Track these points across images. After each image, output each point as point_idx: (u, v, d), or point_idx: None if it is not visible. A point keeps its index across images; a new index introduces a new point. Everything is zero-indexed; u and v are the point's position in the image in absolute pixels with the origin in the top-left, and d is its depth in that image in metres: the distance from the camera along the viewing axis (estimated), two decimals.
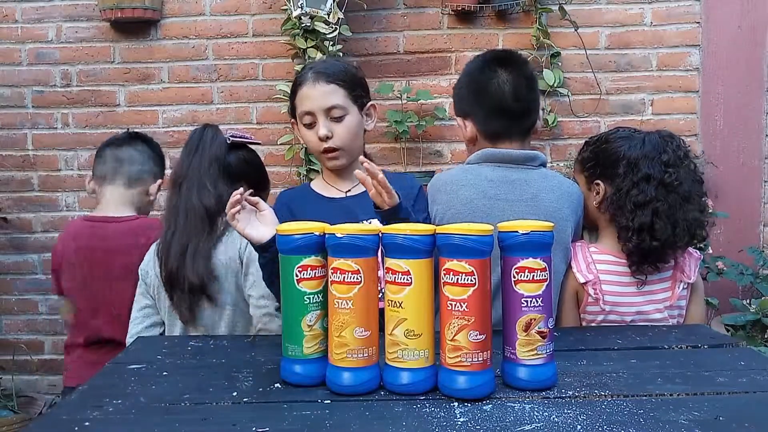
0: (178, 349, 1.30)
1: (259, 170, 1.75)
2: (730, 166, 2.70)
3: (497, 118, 1.57)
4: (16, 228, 2.90)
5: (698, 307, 1.56)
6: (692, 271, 1.51)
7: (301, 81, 1.52)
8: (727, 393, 1.00)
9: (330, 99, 1.49)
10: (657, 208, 1.42)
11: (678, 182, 1.44)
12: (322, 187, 1.58)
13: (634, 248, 1.44)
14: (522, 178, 1.53)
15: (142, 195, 1.92)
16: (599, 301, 1.46)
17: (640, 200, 1.43)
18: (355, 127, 1.52)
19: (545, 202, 1.51)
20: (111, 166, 1.89)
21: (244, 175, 1.65)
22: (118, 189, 1.87)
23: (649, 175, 1.44)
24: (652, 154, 1.46)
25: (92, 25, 2.84)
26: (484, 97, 1.58)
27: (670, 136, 1.50)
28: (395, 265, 0.99)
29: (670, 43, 2.74)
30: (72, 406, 0.99)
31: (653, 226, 1.42)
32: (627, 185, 1.45)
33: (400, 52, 2.80)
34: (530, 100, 1.61)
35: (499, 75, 1.57)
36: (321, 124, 1.49)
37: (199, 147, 1.60)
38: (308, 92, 1.50)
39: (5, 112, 2.87)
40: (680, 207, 1.44)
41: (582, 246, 1.53)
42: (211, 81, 2.84)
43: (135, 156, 1.92)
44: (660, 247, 1.43)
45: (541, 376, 1.02)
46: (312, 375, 1.05)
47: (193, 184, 1.57)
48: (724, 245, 2.64)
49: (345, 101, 1.50)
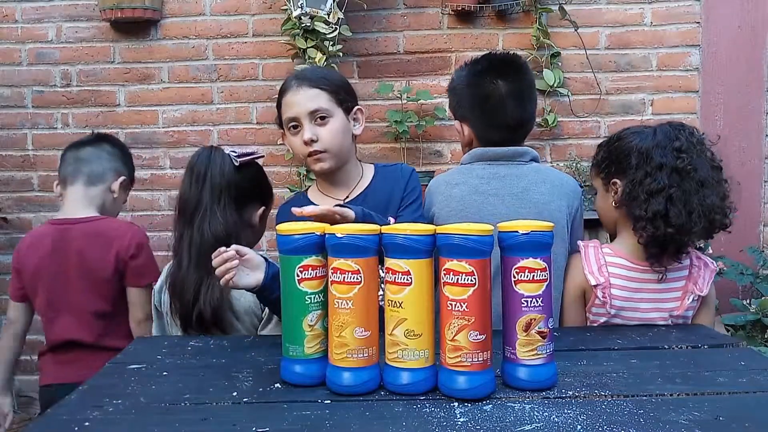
0: (178, 349, 1.29)
1: (267, 186, 1.71)
2: (730, 166, 2.67)
3: (496, 131, 1.59)
4: (16, 228, 2.89)
5: (705, 321, 1.51)
6: (705, 283, 1.47)
7: (285, 89, 1.53)
8: (727, 393, 1.00)
9: (313, 103, 1.49)
10: (671, 195, 1.39)
11: (692, 167, 1.40)
12: (318, 197, 1.57)
13: (650, 238, 1.40)
14: (512, 173, 1.56)
15: (105, 193, 1.88)
16: (606, 305, 1.45)
17: (653, 188, 1.40)
18: (340, 129, 1.51)
19: (535, 195, 1.53)
20: (72, 167, 1.87)
21: (254, 195, 1.62)
22: (78, 189, 1.85)
23: (662, 163, 1.41)
24: (664, 142, 1.43)
25: (92, 25, 2.84)
26: (483, 110, 1.59)
27: (681, 125, 1.48)
28: (395, 265, 0.99)
29: (670, 43, 2.75)
30: (72, 406, 0.99)
31: (668, 213, 1.38)
32: (640, 176, 1.42)
33: (400, 52, 2.80)
34: (530, 111, 1.62)
35: (498, 88, 1.56)
36: (306, 128, 1.48)
37: (207, 174, 1.54)
38: (292, 99, 1.50)
39: (5, 112, 2.88)
40: (696, 192, 1.39)
41: (595, 247, 1.51)
42: (211, 81, 2.84)
43: (95, 155, 1.89)
44: (675, 234, 1.39)
45: (541, 376, 1.02)
46: (312, 375, 1.05)
47: (204, 215, 1.51)
48: (724, 245, 2.63)
49: (329, 104, 1.50)
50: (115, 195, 1.90)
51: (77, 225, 1.81)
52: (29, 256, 1.83)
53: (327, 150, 1.49)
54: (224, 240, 1.45)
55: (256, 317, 1.53)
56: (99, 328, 1.80)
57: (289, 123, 1.51)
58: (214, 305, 1.47)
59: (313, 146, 1.48)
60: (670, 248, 1.42)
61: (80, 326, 1.78)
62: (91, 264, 1.78)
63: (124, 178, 1.93)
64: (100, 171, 1.88)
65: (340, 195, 1.55)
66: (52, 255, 1.80)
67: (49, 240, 1.81)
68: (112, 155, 1.92)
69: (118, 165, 1.92)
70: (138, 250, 1.80)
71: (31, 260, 1.83)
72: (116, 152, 1.93)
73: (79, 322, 1.78)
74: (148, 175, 2.86)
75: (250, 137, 2.82)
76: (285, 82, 1.55)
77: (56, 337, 1.81)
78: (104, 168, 1.89)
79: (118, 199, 1.93)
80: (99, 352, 1.72)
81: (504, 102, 1.56)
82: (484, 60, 1.65)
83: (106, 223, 1.84)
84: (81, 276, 1.78)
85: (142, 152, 2.83)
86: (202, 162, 1.56)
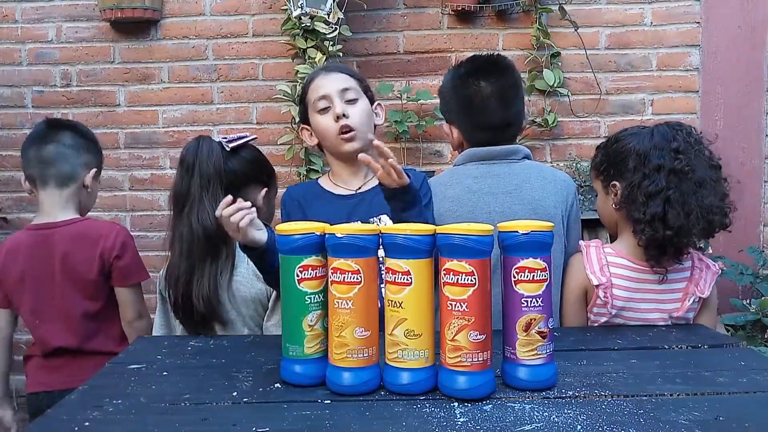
0: (178, 349, 1.30)
1: (265, 166, 1.68)
2: (731, 166, 2.67)
3: (483, 132, 1.61)
4: (16, 228, 2.88)
5: (706, 323, 1.50)
6: (707, 285, 1.47)
7: (313, 77, 1.59)
8: (727, 393, 1.00)
9: (344, 82, 1.55)
10: (669, 197, 1.38)
11: (689, 168, 1.40)
12: (331, 186, 1.57)
13: (649, 240, 1.40)
14: (505, 171, 1.57)
15: (79, 190, 1.81)
16: (608, 305, 1.45)
17: (651, 191, 1.39)
18: (368, 112, 1.56)
19: (529, 191, 1.54)
20: (38, 170, 1.78)
21: (252, 177, 1.62)
22: (52, 192, 1.78)
23: (660, 165, 1.40)
24: (662, 144, 1.43)
25: (92, 25, 2.84)
26: (469, 112, 1.60)
27: (679, 125, 1.47)
28: (395, 265, 0.99)
29: (670, 43, 2.74)
30: (72, 406, 0.99)
31: (666, 215, 1.38)
32: (638, 178, 1.42)
33: (400, 52, 2.80)
34: (515, 111, 1.63)
35: (482, 89, 1.58)
36: (337, 105, 1.52)
37: (195, 164, 1.55)
38: (322, 81, 1.56)
39: (5, 112, 2.87)
40: (694, 193, 1.39)
41: (597, 247, 1.51)
42: (211, 81, 2.84)
43: (59, 154, 1.78)
44: (674, 236, 1.38)
45: (541, 376, 1.02)
46: (312, 375, 1.05)
47: (193, 207, 1.52)
48: (724, 245, 2.63)
49: (356, 87, 1.56)
50: (89, 189, 1.83)
51: (59, 229, 1.75)
52: (10, 263, 1.77)
53: (356, 128, 1.52)
54: (214, 230, 1.46)
55: (262, 306, 1.54)
56: (87, 331, 1.76)
57: (318, 102, 1.54)
58: (205, 295, 1.49)
59: (344, 121, 1.50)
60: (670, 250, 1.42)
61: (68, 332, 1.75)
62: (76, 266, 1.73)
63: (95, 170, 1.84)
64: (69, 170, 1.79)
65: (354, 185, 1.55)
66: (35, 261, 1.75)
67: (30, 246, 1.76)
68: (75, 149, 1.81)
69: (85, 157, 1.83)
70: (122, 250, 1.75)
71: (13, 268, 1.77)
72: (79, 143, 1.83)
73: (67, 328, 1.75)
74: (148, 175, 2.85)
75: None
76: (311, 74, 1.62)
77: (43, 344, 1.78)
78: (72, 165, 1.79)
79: (93, 190, 1.86)
80: (87, 357, 1.71)
81: (487, 103, 1.57)
82: (467, 62, 1.67)
83: (88, 224, 1.79)
84: (66, 280, 1.74)
85: (142, 152, 2.83)
86: (190, 153, 1.57)
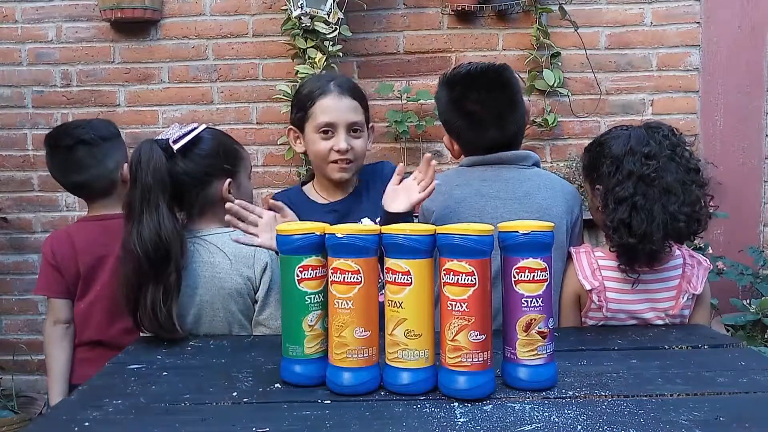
0: (178, 349, 1.29)
1: (227, 153, 1.51)
2: (730, 166, 2.70)
3: (483, 149, 1.56)
4: (16, 228, 2.90)
5: (701, 319, 1.50)
6: (699, 282, 1.46)
7: (324, 91, 1.53)
8: (727, 393, 1.00)
9: (354, 115, 1.54)
10: (635, 203, 1.37)
11: (656, 175, 1.37)
12: (313, 194, 1.63)
13: (616, 246, 1.40)
14: (515, 176, 1.54)
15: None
16: (602, 309, 1.45)
17: (620, 196, 1.38)
18: (365, 143, 1.58)
19: (538, 199, 1.52)
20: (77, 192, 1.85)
21: (210, 173, 1.48)
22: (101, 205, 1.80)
23: (631, 171, 1.38)
24: (637, 148, 1.40)
25: (92, 25, 2.84)
26: (467, 131, 1.55)
27: (657, 126, 1.44)
28: (395, 265, 0.99)
29: (670, 43, 2.75)
30: (72, 406, 0.99)
31: (630, 222, 1.36)
32: (613, 183, 1.40)
33: (400, 52, 2.80)
34: (516, 128, 1.57)
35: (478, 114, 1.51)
36: (341, 137, 1.52)
37: (137, 173, 1.37)
38: (334, 104, 1.52)
39: (5, 112, 2.87)
40: (659, 200, 1.36)
41: (587, 252, 1.50)
42: (211, 81, 2.84)
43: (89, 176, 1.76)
44: (638, 243, 1.36)
45: (542, 377, 1.02)
46: (312, 375, 1.05)
47: (133, 222, 1.35)
48: (724, 245, 2.64)
49: (362, 119, 1.57)
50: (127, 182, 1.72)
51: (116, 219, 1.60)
52: (71, 252, 1.75)
53: (355, 161, 1.55)
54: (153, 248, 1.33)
55: (249, 298, 1.45)
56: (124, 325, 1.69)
57: (321, 127, 1.52)
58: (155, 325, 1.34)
59: (346, 155, 1.52)
60: (641, 256, 1.39)
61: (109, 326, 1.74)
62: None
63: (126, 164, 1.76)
64: (105, 185, 1.78)
65: (336, 197, 1.60)
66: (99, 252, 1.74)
67: (93, 237, 1.75)
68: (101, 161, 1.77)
69: (111, 164, 1.79)
70: None
71: (81, 257, 1.75)
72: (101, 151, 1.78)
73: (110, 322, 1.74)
74: None
75: (250, 137, 2.82)
76: (319, 84, 1.55)
77: (87, 336, 1.78)
78: (106, 179, 1.78)
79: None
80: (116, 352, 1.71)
81: (485, 127, 1.53)
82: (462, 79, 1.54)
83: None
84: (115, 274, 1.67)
85: None
86: (133, 160, 1.39)
